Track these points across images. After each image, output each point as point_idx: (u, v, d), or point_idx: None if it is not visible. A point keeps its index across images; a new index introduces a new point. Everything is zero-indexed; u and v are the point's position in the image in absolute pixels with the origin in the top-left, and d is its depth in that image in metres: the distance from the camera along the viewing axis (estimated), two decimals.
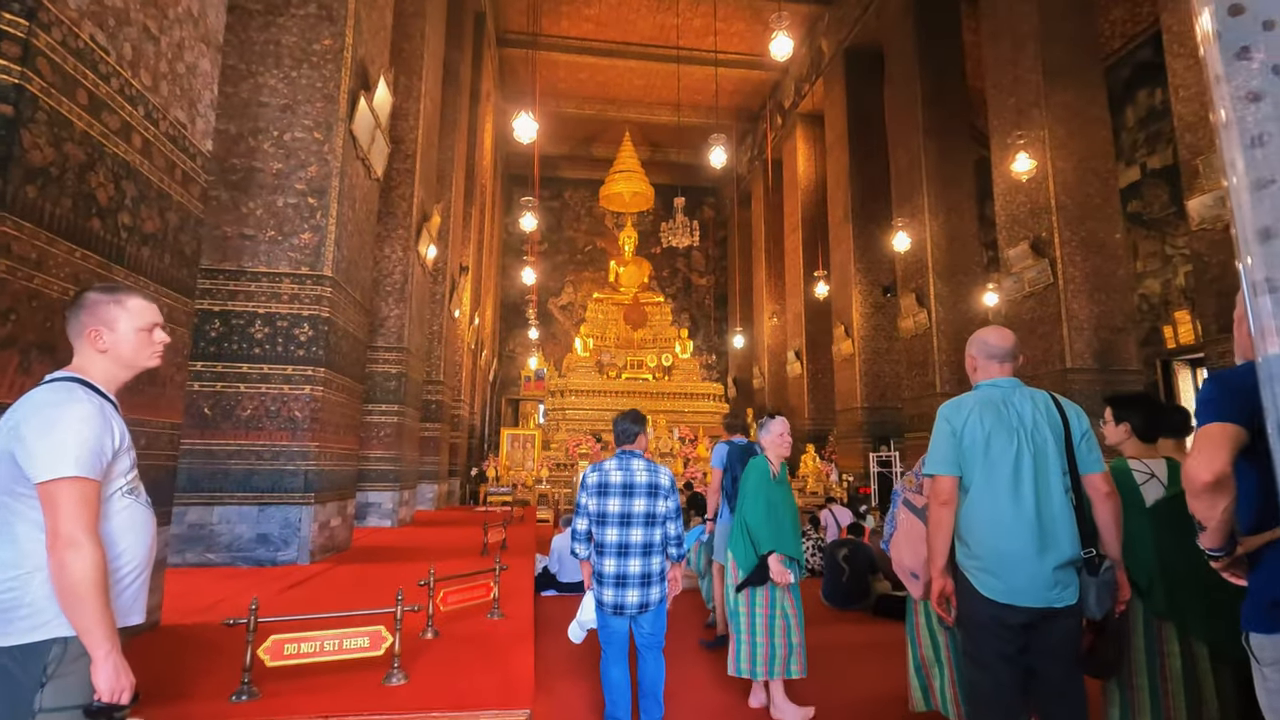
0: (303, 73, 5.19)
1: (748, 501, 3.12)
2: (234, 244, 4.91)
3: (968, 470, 2.01)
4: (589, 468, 3.03)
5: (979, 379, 2.19)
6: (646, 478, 2.90)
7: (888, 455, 13.84)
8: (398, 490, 7.73)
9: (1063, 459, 1.97)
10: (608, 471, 2.93)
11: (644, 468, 2.93)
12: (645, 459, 2.98)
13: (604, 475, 2.92)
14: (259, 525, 4.65)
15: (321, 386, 4.91)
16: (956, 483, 2.03)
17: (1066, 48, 9.75)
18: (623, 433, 3.04)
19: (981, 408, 2.04)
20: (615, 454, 3.03)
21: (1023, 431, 1.98)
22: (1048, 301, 9.40)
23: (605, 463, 2.97)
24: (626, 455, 2.98)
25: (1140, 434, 2.43)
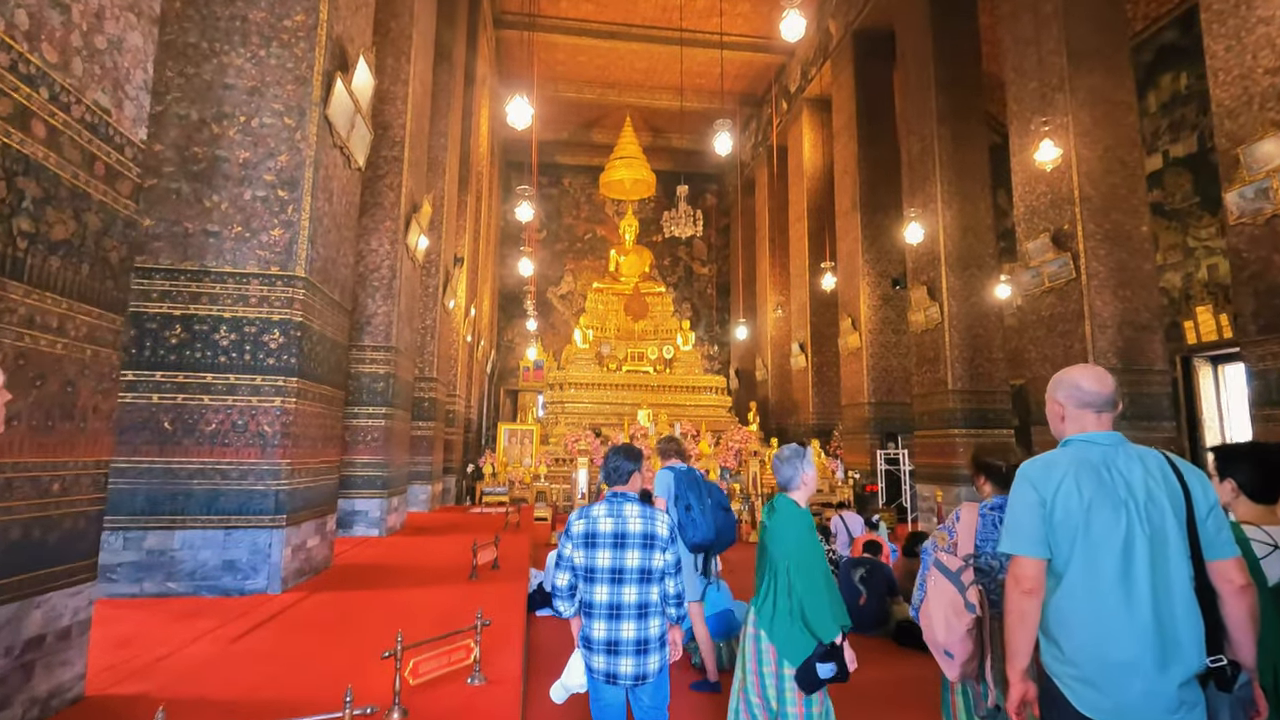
0: (272, 52, 4.72)
1: (800, 572, 2.41)
2: (196, 241, 4.47)
3: (1061, 551, 1.59)
4: (575, 513, 2.61)
5: (1069, 432, 1.76)
6: (641, 526, 2.48)
7: (895, 453, 13.45)
8: (386, 497, 7.34)
9: (1185, 540, 1.55)
10: (596, 519, 2.51)
11: (638, 514, 2.51)
12: (640, 503, 2.57)
13: (592, 523, 2.50)
14: (225, 551, 4.25)
15: (294, 398, 4.49)
16: (1044, 567, 1.61)
17: (1092, 28, 9.23)
18: (614, 471, 2.62)
19: (1078, 471, 1.62)
20: (605, 497, 2.61)
21: (1133, 504, 1.56)
22: (1069, 297, 8.95)
23: (593, 507, 2.56)
24: (618, 499, 2.56)
25: (1253, 492, 2.00)
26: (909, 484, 13.01)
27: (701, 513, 4.49)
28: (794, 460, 2.63)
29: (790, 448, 2.73)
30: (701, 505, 4.50)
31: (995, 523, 2.42)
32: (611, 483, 2.62)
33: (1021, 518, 1.64)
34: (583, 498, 13.36)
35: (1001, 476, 2.42)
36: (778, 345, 20.12)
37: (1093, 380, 1.73)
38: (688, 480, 4.47)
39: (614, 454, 2.65)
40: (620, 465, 2.61)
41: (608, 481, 2.66)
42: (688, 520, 4.37)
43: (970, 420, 11.29)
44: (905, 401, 14.20)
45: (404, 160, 7.82)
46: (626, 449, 2.68)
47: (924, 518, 12.00)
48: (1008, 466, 2.40)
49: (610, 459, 2.64)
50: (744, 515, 11.74)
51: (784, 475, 2.64)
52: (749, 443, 15.43)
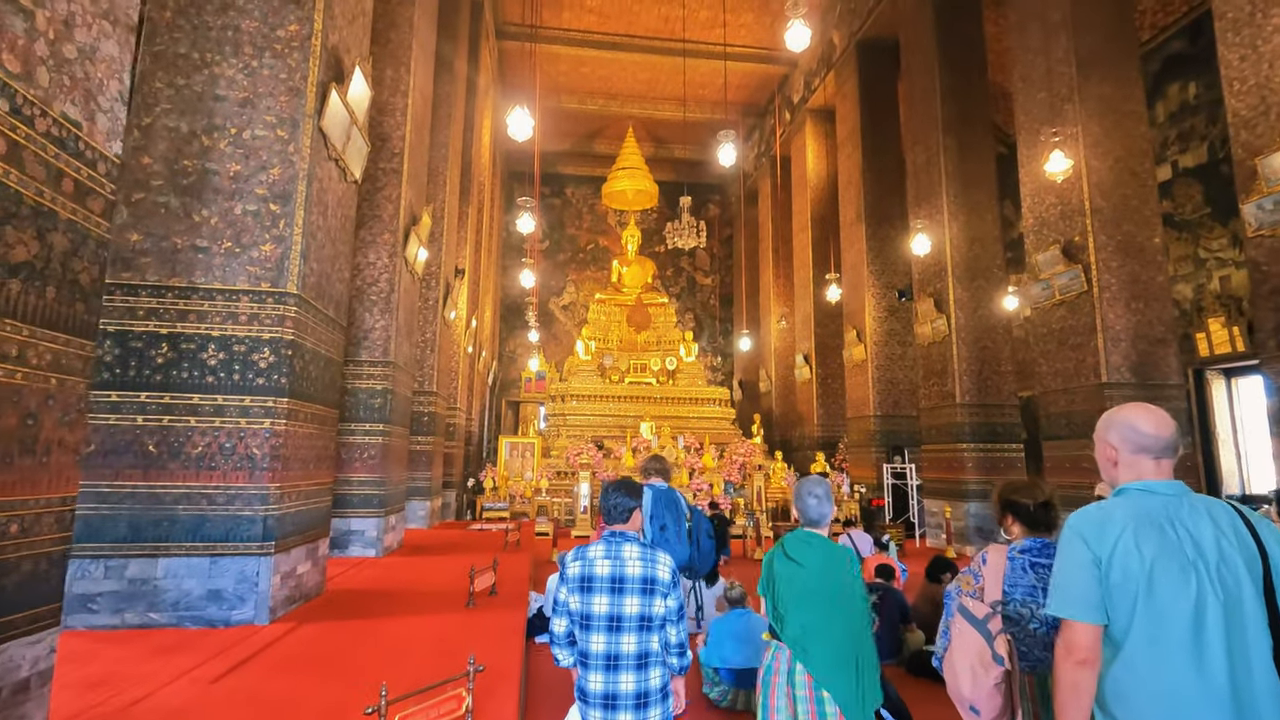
0: (265, 62, 4.59)
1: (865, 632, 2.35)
2: (185, 257, 4.32)
3: (1119, 618, 1.41)
4: (570, 554, 2.42)
5: (1124, 479, 1.58)
6: (641, 569, 2.30)
7: (902, 467, 13.25)
8: (383, 516, 7.16)
9: (1263, 607, 1.37)
10: (592, 561, 2.32)
11: (638, 556, 2.32)
12: (640, 543, 2.39)
13: (588, 565, 2.32)
14: (211, 580, 4.08)
15: (284, 419, 4.33)
16: (1100, 634, 1.43)
17: (1101, 37, 9.10)
18: (613, 508, 2.43)
19: (1138, 527, 1.44)
20: (602, 536, 2.42)
21: (1204, 565, 1.38)
22: (1080, 310, 8.78)
23: (589, 548, 2.37)
24: (617, 539, 2.36)
25: None
26: (916, 499, 12.80)
27: (677, 535, 4.40)
28: (828, 500, 2.48)
29: (823, 485, 2.52)
30: (678, 528, 4.42)
31: (1025, 567, 2.23)
32: (610, 520, 2.44)
33: (1073, 578, 1.46)
34: (585, 512, 13.17)
35: (1030, 516, 2.23)
36: (782, 357, 19.95)
37: (1150, 421, 1.55)
38: (666, 500, 4.39)
39: (613, 489, 2.47)
40: (619, 502, 2.43)
41: (606, 519, 2.48)
42: (661, 540, 4.28)
43: (978, 435, 11.09)
44: (912, 415, 14.00)
45: (403, 172, 7.70)
46: (626, 484, 2.50)
47: (932, 533, 11.78)
48: (1036, 505, 2.22)
49: (609, 495, 2.46)
50: (748, 530, 11.54)
51: (816, 512, 2.46)
52: (753, 456, 15.24)
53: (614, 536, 2.39)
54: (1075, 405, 8.85)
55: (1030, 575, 2.16)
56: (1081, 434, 8.71)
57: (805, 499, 2.46)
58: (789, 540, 2.44)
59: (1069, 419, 8.96)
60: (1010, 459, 11.14)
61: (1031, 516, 2.21)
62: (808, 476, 2.60)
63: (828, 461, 15.55)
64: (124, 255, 4.26)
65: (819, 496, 2.45)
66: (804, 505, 2.46)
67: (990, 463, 11.04)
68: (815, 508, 2.44)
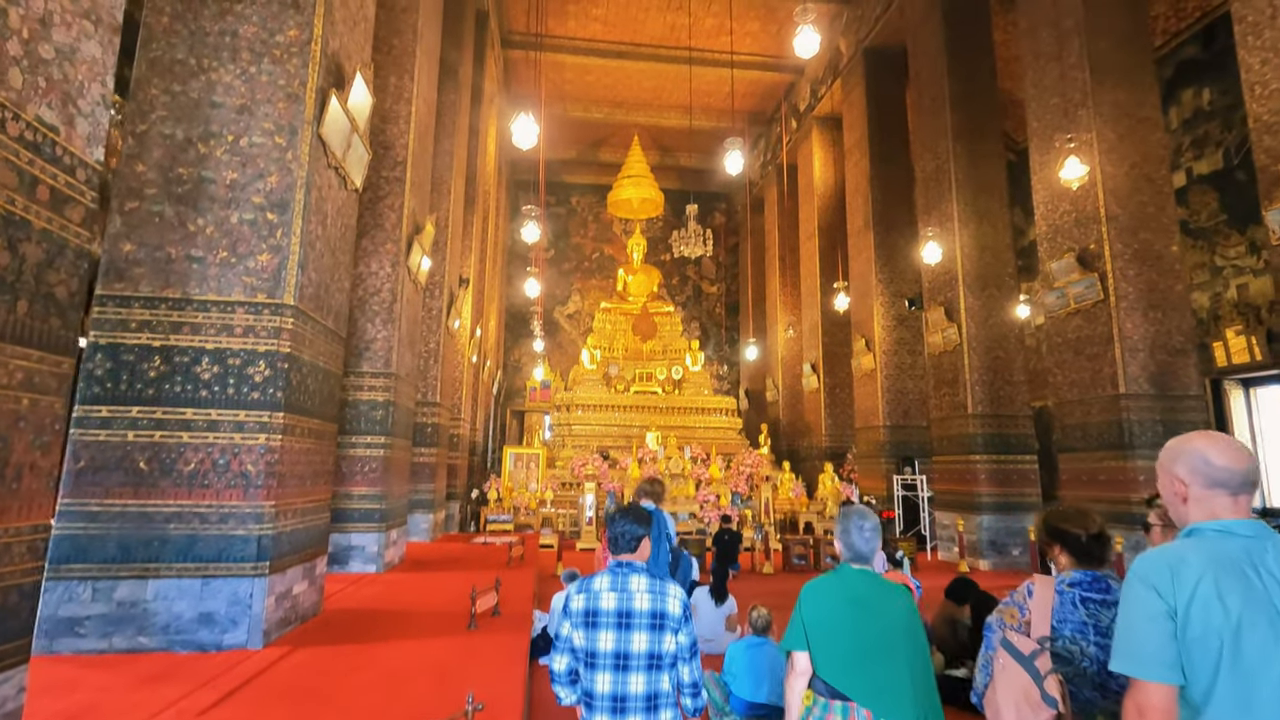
0: (263, 68, 4.48)
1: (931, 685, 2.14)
2: (179, 268, 4.20)
3: (1200, 678, 1.25)
4: (574, 585, 2.26)
5: (1195, 517, 1.41)
6: (650, 603, 2.14)
7: (913, 478, 13.03)
8: (384, 531, 7.00)
9: None
10: (598, 593, 2.17)
11: (646, 588, 2.17)
12: (649, 574, 2.23)
13: (593, 599, 2.16)
14: (202, 602, 3.93)
15: (280, 435, 4.18)
16: (1175, 696, 1.26)
17: (1114, 42, 8.96)
18: (620, 536, 2.27)
19: (1218, 574, 1.27)
20: (609, 566, 2.27)
21: None
22: (1097, 319, 8.59)
23: (594, 579, 2.22)
24: (624, 570, 2.21)
25: None
26: (927, 511, 12.57)
27: (655, 559, 4.29)
28: (878, 533, 2.24)
29: (873, 517, 2.28)
30: (656, 548, 4.32)
31: (1075, 601, 2.06)
32: (617, 550, 2.28)
33: (1143, 632, 1.29)
34: (590, 523, 12.99)
35: (1081, 548, 2.06)
36: (789, 365, 19.76)
37: (1225, 453, 1.38)
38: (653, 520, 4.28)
39: (620, 516, 2.31)
40: (627, 530, 2.27)
41: (612, 548, 2.32)
42: None
43: (991, 446, 10.89)
44: (922, 425, 13.80)
45: (406, 181, 7.59)
46: (634, 511, 2.34)
47: (943, 546, 11.56)
48: (1089, 537, 2.04)
49: (615, 522, 2.30)
50: (756, 543, 11.34)
51: (869, 547, 2.21)
52: (761, 466, 15.03)
53: (621, 567, 2.24)
54: (1092, 416, 8.65)
55: (1080, 611, 1.99)
56: (1098, 446, 8.51)
57: (854, 532, 2.21)
58: (843, 582, 2.16)
59: (1085, 430, 8.76)
60: (1024, 471, 10.93)
61: (1083, 548, 2.04)
62: (854, 506, 2.36)
63: (836, 472, 15.34)
64: (117, 266, 4.14)
65: (870, 529, 2.22)
66: (853, 539, 2.21)
67: (1003, 474, 10.83)
68: (868, 542, 2.20)
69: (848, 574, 2.16)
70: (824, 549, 10.80)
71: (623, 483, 14.02)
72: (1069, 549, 2.07)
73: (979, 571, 10.19)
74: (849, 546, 2.21)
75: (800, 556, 10.71)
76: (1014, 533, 10.62)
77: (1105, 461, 8.44)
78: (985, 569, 10.34)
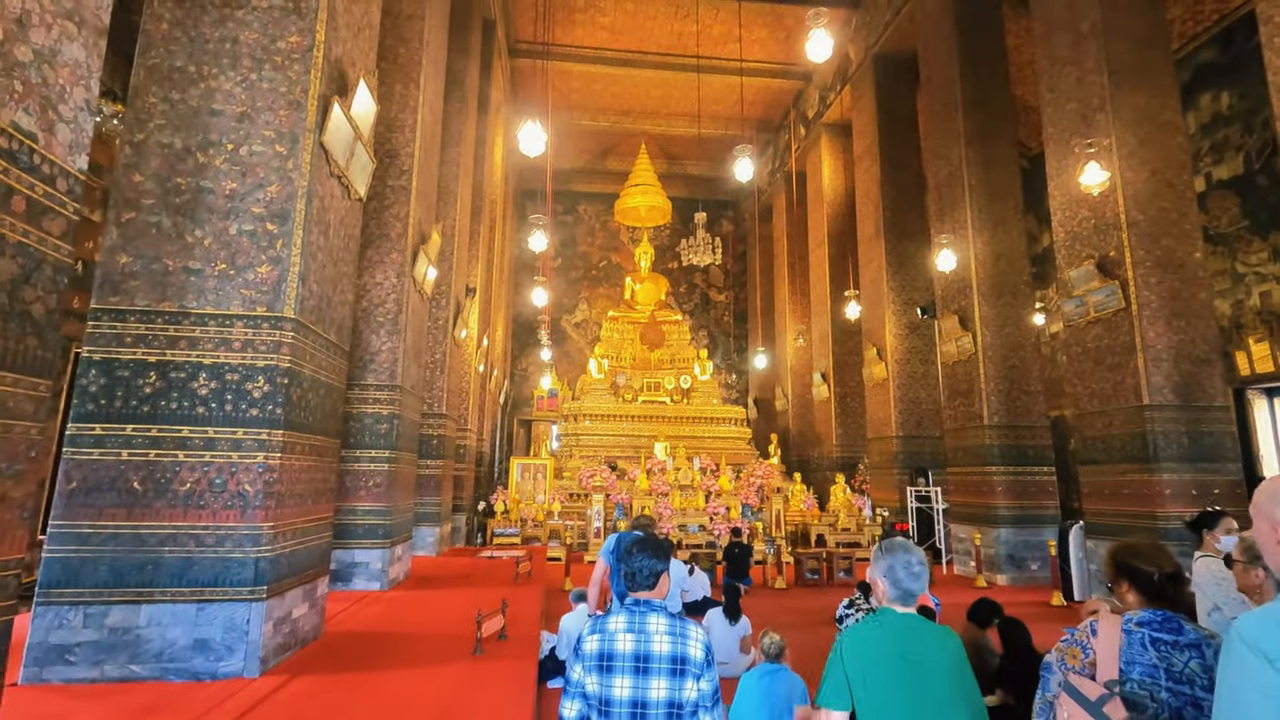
0: (264, 75, 4.36)
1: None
2: (176, 280, 4.07)
3: None
4: (587, 625, 2.08)
5: None
6: (670, 645, 1.96)
7: (927, 490, 12.77)
8: (389, 547, 6.85)
9: None
10: (613, 635, 1.99)
11: (666, 629, 1.99)
12: (669, 615, 2.05)
13: (607, 640, 1.98)
14: (197, 628, 3.77)
15: (279, 453, 4.04)
16: None
17: (1132, 45, 8.77)
18: (637, 573, 2.09)
19: None
20: (624, 605, 2.08)
21: None
22: (1118, 328, 8.37)
23: (608, 619, 2.03)
24: (641, 609, 2.03)
25: None
26: (942, 523, 12.31)
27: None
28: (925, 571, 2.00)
29: (918, 554, 2.01)
30: None
31: (1144, 642, 1.87)
32: (634, 587, 2.10)
33: (1256, 710, 1.11)
34: (597, 535, 12.79)
35: (1153, 588, 1.87)
36: (798, 375, 19.54)
37: None
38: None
39: (638, 549, 2.12)
40: (644, 565, 2.09)
41: (629, 585, 2.13)
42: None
43: (1008, 457, 10.64)
44: (935, 435, 13.55)
45: (412, 190, 7.47)
46: (653, 542, 2.16)
47: (959, 560, 11.30)
48: (1162, 576, 1.86)
49: (632, 556, 2.11)
50: (768, 557, 11.10)
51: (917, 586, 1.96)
52: (771, 477, 14.82)
53: (638, 606, 2.06)
54: (1114, 428, 8.41)
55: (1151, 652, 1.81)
56: (1121, 459, 8.27)
57: (900, 569, 1.95)
58: (891, 631, 1.91)
59: (1107, 442, 8.52)
60: (1042, 483, 10.68)
61: (1155, 588, 1.86)
62: (896, 540, 2.06)
63: (848, 483, 15.10)
64: (112, 279, 4.01)
65: (919, 565, 1.98)
66: (900, 577, 1.95)
67: (1021, 487, 10.58)
68: (917, 579, 1.96)
69: (893, 621, 1.93)
70: (837, 563, 10.57)
71: (630, 494, 13.82)
72: (1139, 587, 1.89)
73: (998, 587, 9.94)
74: (896, 585, 1.96)
75: (813, 571, 10.48)
76: (1032, 547, 10.36)
77: (1128, 475, 8.19)
78: (1003, 584, 10.08)
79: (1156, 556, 1.87)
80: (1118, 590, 1.98)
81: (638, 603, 2.07)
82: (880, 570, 2.01)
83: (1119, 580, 1.94)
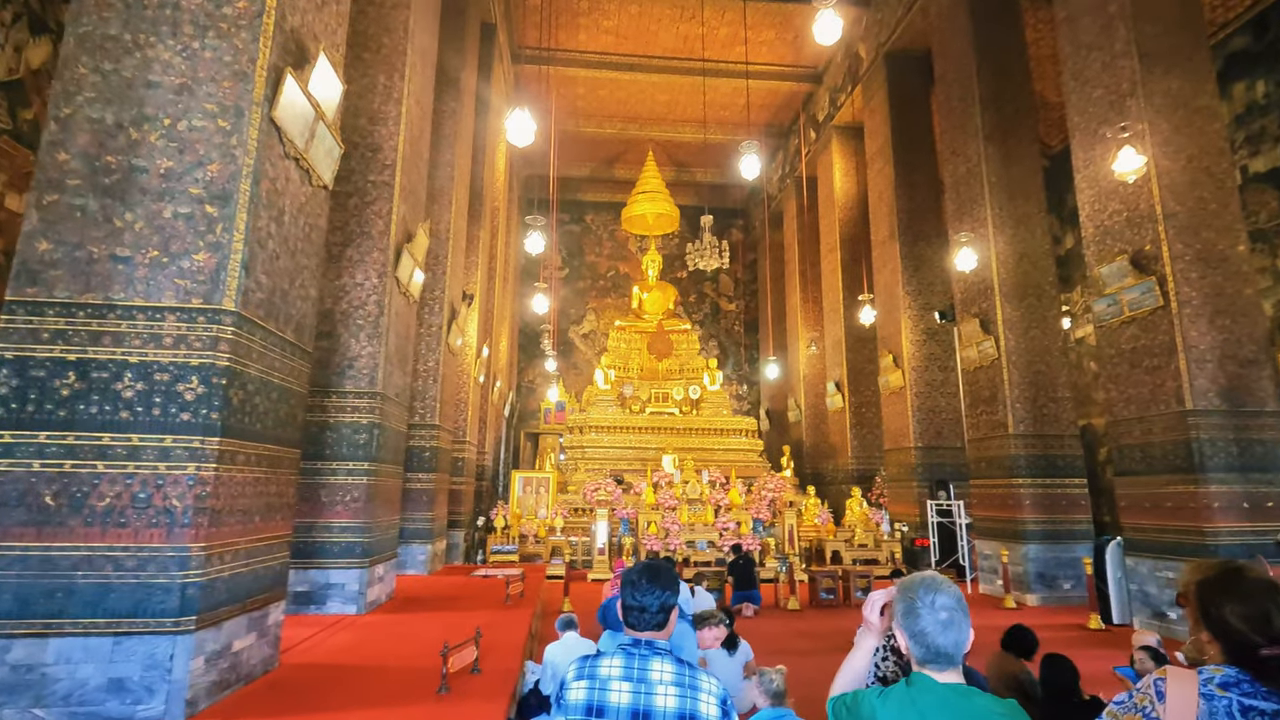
0: (207, 43, 3.94)
1: None
2: (102, 269, 3.62)
3: None
4: (573, 667, 1.59)
5: None
6: (676, 701, 1.51)
7: (948, 503, 12.09)
8: (366, 567, 6.34)
9: None
10: (605, 682, 1.53)
11: (672, 679, 1.53)
12: (675, 660, 1.55)
13: (598, 690, 1.53)
14: (113, 666, 3.28)
15: (215, 463, 3.55)
16: None
17: (1164, 28, 8.22)
18: (640, 610, 1.63)
19: None
20: (622, 645, 1.63)
21: None
22: (1156, 328, 7.75)
23: (600, 662, 1.58)
24: (642, 653, 1.58)
25: None
26: (965, 539, 11.62)
27: None
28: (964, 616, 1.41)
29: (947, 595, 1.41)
30: None
31: (1232, 711, 1.30)
32: (638, 626, 1.62)
33: None
34: (601, 552, 12.22)
35: (1247, 648, 1.31)
36: (811, 384, 18.92)
37: None
38: None
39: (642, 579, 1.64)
40: (649, 601, 1.61)
41: (629, 623, 1.66)
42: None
43: (1035, 469, 10.00)
44: (956, 446, 12.89)
45: (395, 185, 7.05)
46: (658, 572, 1.66)
47: (985, 578, 10.61)
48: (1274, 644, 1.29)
49: (635, 589, 1.64)
50: (780, 575, 10.47)
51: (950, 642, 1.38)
52: (783, 491, 14.19)
53: (637, 648, 1.58)
54: (1153, 436, 7.77)
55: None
56: (1163, 469, 7.62)
57: (925, 616, 1.38)
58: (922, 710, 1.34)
59: (1146, 451, 7.88)
60: (1073, 496, 10.01)
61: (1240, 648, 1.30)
62: (919, 576, 1.46)
63: (864, 496, 14.43)
64: (30, 267, 3.57)
65: (948, 609, 1.39)
66: (924, 626, 1.38)
67: (1050, 500, 9.91)
68: (946, 630, 1.38)
69: (928, 695, 1.36)
70: (854, 582, 9.93)
71: (637, 509, 13.26)
72: (1225, 643, 1.33)
73: (1028, 608, 9.26)
74: (922, 642, 1.39)
75: (829, 590, 9.85)
76: (1064, 564, 9.67)
77: (1171, 486, 7.54)
78: (1034, 604, 9.40)
79: (1265, 600, 1.31)
80: (1198, 636, 1.41)
81: (637, 643, 1.58)
82: (898, 619, 1.43)
83: (1201, 624, 1.38)
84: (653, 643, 1.60)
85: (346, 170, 6.95)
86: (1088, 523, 9.96)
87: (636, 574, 1.63)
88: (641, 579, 1.61)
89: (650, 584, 1.60)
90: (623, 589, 1.64)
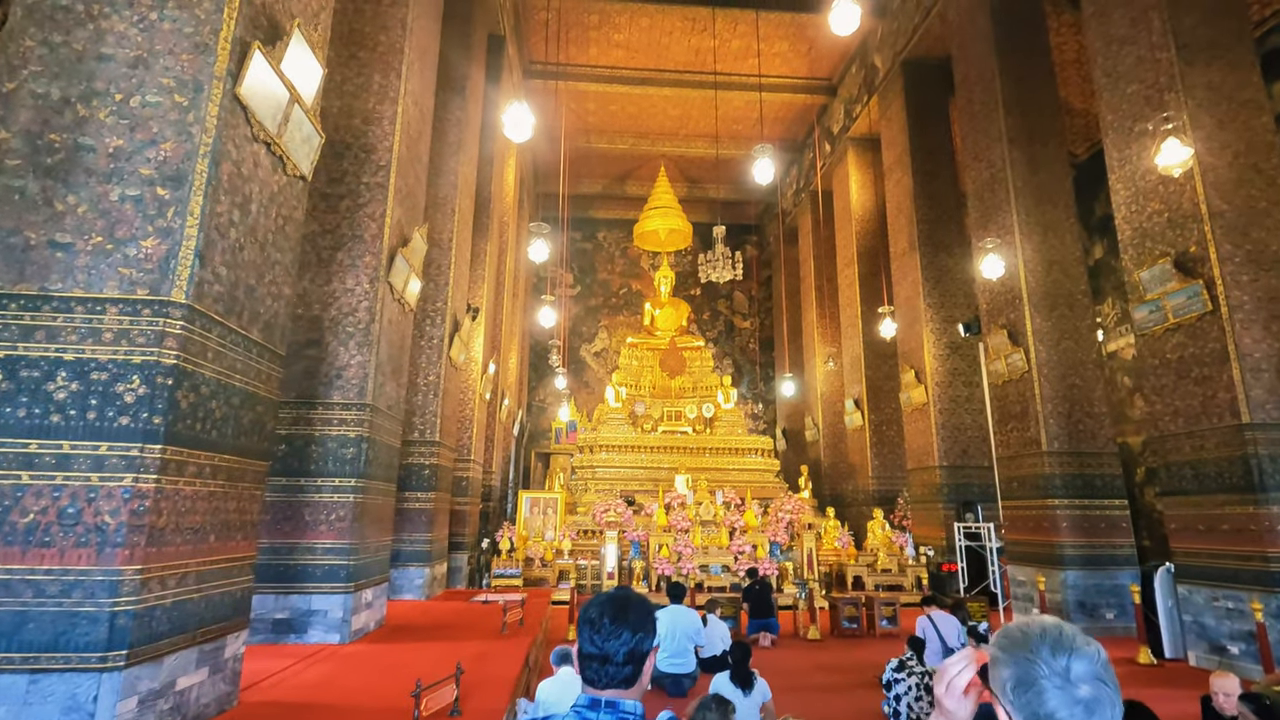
0: (166, 13, 3.60)
1: None
2: (39, 256, 3.25)
3: None
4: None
5: None
6: None
7: (977, 526, 11.42)
8: (352, 592, 5.88)
9: None
10: None
11: None
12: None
13: None
14: (26, 709, 2.84)
15: (156, 474, 3.14)
16: None
17: (1201, 18, 7.76)
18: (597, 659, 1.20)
19: None
20: (576, 709, 1.19)
21: None
22: (1204, 335, 7.18)
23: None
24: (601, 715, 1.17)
25: None
26: (996, 564, 10.93)
27: None
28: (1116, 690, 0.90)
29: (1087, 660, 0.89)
30: None
31: None
32: (598, 682, 1.18)
33: None
34: (611, 576, 11.66)
35: None
36: (829, 402, 18.32)
37: None
38: None
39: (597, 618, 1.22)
40: (610, 647, 1.19)
41: (585, 677, 1.22)
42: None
43: (1072, 489, 9.35)
44: (984, 465, 12.23)
45: (389, 187, 6.71)
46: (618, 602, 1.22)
47: (1018, 606, 9.92)
48: None
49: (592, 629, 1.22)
50: (799, 601, 9.85)
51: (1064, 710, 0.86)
52: (801, 513, 13.53)
53: (595, 711, 1.17)
54: (1205, 452, 7.16)
55: None
56: (1217, 489, 7.00)
57: (1051, 694, 0.86)
58: None
59: (1197, 469, 7.26)
60: (1113, 518, 9.35)
61: None
62: (1044, 626, 0.93)
63: (886, 519, 13.76)
64: None
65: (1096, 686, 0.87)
66: (1051, 709, 0.86)
67: (1089, 523, 9.26)
68: (1091, 710, 0.85)
69: None
70: (879, 610, 9.29)
71: (648, 531, 12.70)
72: None
73: None
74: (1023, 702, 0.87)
75: (851, 619, 9.21)
76: (1105, 592, 8.99)
77: (1227, 508, 6.91)
78: None
79: None
80: None
81: (595, 705, 1.14)
82: (1008, 692, 0.90)
83: None
84: (617, 704, 1.16)
85: (339, 171, 6.64)
86: (1130, 547, 9.29)
87: (597, 609, 1.18)
88: (603, 616, 1.17)
89: (615, 624, 1.15)
90: (580, 630, 1.18)
